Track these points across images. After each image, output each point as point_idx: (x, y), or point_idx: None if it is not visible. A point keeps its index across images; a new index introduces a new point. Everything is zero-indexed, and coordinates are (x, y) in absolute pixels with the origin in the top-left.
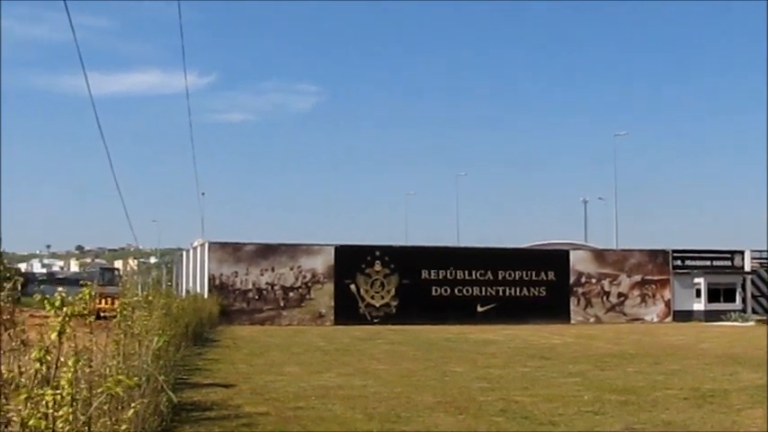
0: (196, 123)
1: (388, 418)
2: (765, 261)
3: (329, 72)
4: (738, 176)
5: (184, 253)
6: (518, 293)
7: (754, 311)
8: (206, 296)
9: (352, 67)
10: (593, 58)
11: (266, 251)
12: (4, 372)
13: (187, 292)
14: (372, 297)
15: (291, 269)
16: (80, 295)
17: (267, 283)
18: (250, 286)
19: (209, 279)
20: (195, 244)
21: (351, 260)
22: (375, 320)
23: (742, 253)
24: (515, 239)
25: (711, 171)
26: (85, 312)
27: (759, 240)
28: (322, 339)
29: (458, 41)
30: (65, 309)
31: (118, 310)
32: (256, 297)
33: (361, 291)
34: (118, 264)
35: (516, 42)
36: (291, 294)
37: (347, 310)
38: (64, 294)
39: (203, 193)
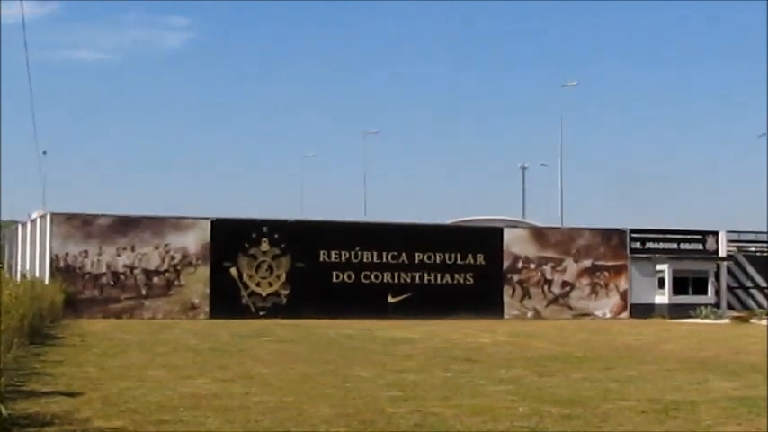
0: (35, 62)
1: None
2: (744, 245)
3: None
4: (714, 144)
5: (20, 227)
6: (439, 281)
7: (729, 306)
8: (47, 281)
9: None
10: None
11: (125, 225)
12: None
13: (23, 275)
14: (258, 284)
15: (156, 248)
16: None
17: (125, 266)
18: (103, 269)
19: (52, 260)
20: (34, 216)
21: (231, 237)
22: (261, 313)
23: (716, 234)
24: (437, 214)
25: (681, 134)
26: None
27: (737, 220)
28: (194, 336)
29: None
30: None
31: None
32: (111, 283)
33: (244, 276)
34: None
35: None
36: (156, 280)
37: (226, 301)
38: None
39: (45, 152)
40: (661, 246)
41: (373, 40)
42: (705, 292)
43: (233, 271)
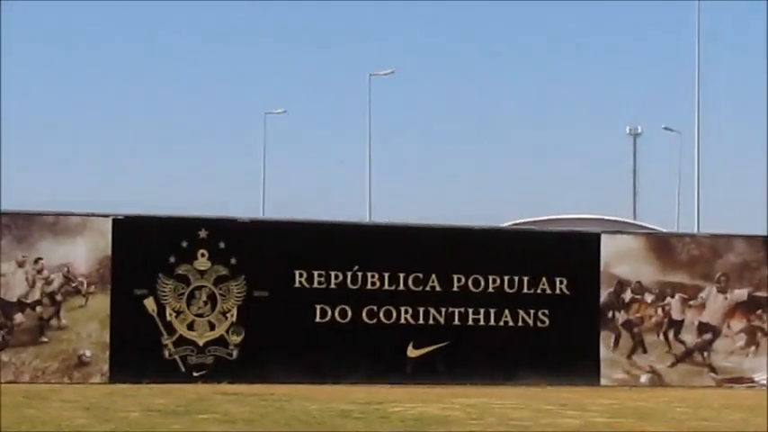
0: None
1: None
2: None
3: None
4: None
5: None
6: (492, 321)
7: None
8: None
9: None
10: None
11: None
12: None
13: None
14: (191, 325)
15: (21, 265)
16: None
17: None
18: None
19: None
20: None
21: (147, 247)
22: (196, 374)
23: None
24: (487, 211)
25: None
26: None
27: None
28: (84, 413)
29: None
30: None
31: None
32: None
33: (168, 312)
34: None
35: None
36: (20, 318)
37: (138, 353)
38: None
39: None
40: None
41: None
42: None
43: (149, 303)
